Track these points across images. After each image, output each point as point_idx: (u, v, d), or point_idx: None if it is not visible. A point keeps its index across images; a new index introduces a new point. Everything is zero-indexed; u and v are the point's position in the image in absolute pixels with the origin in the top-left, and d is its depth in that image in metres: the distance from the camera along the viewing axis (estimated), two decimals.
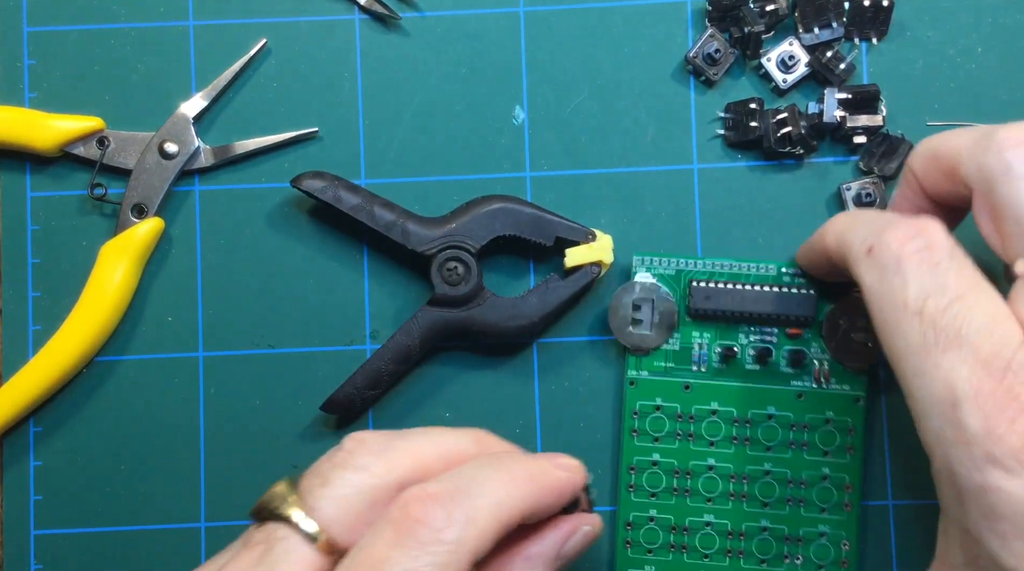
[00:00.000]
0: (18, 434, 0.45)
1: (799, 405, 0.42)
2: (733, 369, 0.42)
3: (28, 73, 0.45)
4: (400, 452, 0.34)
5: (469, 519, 0.31)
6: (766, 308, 0.41)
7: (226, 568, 0.32)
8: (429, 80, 0.45)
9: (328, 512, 0.32)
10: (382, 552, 0.31)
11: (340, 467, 0.33)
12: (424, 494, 0.32)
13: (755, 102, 0.44)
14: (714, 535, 0.41)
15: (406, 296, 0.45)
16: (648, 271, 0.42)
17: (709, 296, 0.41)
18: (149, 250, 0.45)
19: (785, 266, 0.42)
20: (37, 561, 0.44)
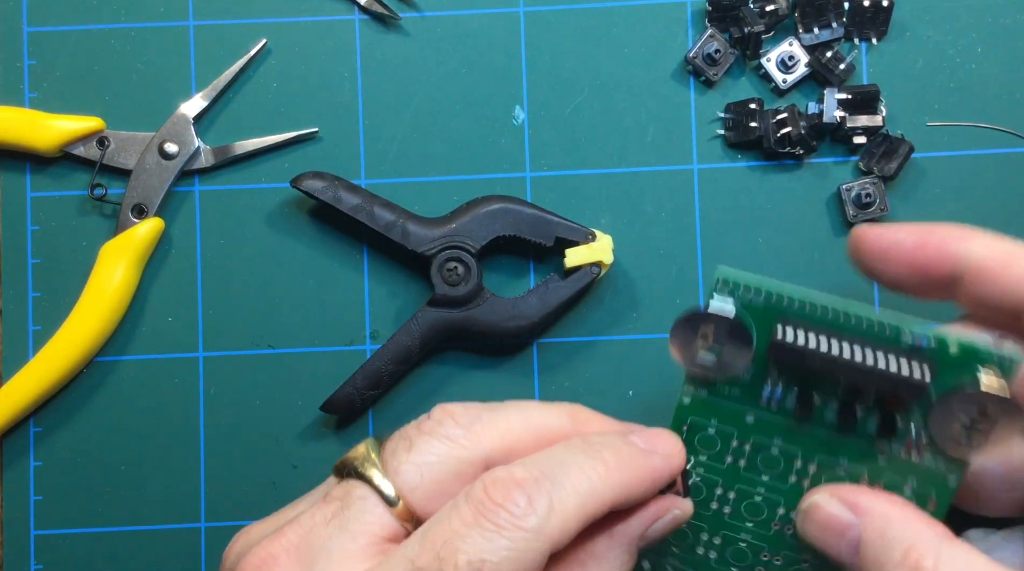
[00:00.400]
0: (18, 434, 0.45)
1: (877, 466, 0.34)
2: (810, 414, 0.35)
3: (28, 73, 0.45)
4: (488, 426, 0.33)
5: (552, 508, 0.30)
6: (864, 382, 0.33)
7: (301, 518, 0.32)
8: (429, 80, 0.45)
9: (409, 477, 0.32)
10: (458, 528, 0.30)
11: (427, 435, 0.33)
12: (508, 478, 0.31)
13: (755, 102, 0.44)
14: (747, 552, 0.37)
15: (406, 296, 0.45)
16: (731, 296, 0.34)
17: (793, 355, 0.33)
18: (149, 250, 0.45)
19: (911, 329, 0.32)
20: (37, 561, 0.44)
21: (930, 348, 0.32)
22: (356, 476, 0.32)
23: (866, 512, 0.33)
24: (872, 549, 0.32)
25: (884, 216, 0.44)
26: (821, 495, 0.34)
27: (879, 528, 0.32)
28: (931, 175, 0.44)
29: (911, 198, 0.44)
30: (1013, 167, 0.44)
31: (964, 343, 0.32)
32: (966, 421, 0.33)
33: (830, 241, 0.44)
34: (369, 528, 0.31)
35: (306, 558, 0.31)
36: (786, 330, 0.33)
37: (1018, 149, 0.44)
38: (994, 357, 0.32)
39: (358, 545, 0.31)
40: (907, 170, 0.44)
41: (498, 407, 0.34)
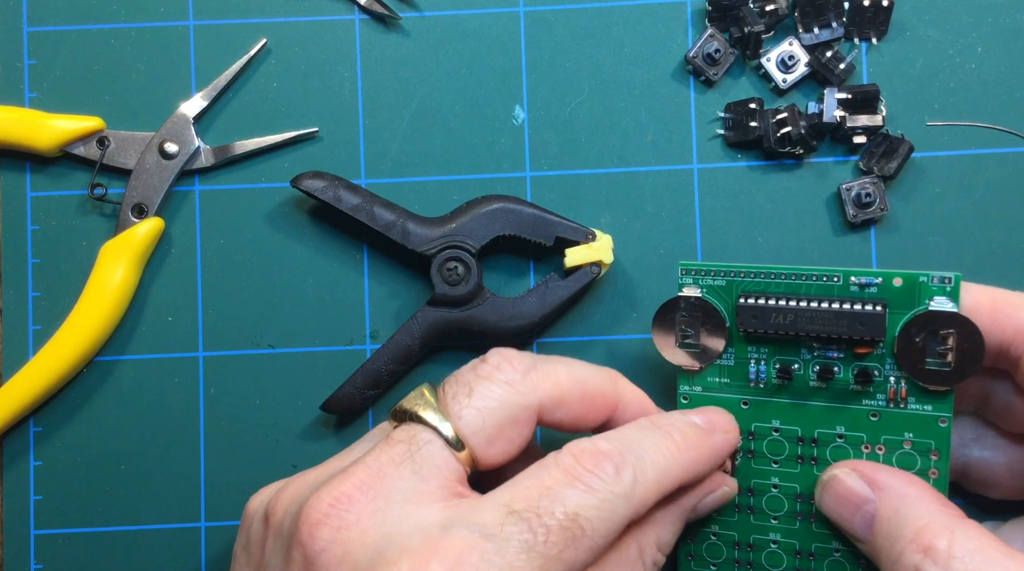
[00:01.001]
0: (18, 434, 0.45)
1: (874, 426, 0.37)
2: (795, 386, 0.38)
3: (28, 73, 0.45)
4: (542, 375, 0.35)
5: (636, 480, 0.32)
6: (825, 328, 0.36)
7: (366, 459, 0.32)
8: (429, 80, 0.45)
9: (471, 422, 0.33)
10: (552, 484, 0.31)
11: (486, 380, 0.34)
12: (595, 448, 0.32)
13: (755, 102, 0.44)
14: (781, 554, 0.38)
15: (406, 296, 0.45)
16: (695, 284, 0.38)
17: (758, 315, 0.36)
18: (149, 250, 0.45)
19: (855, 275, 0.36)
20: (37, 561, 0.44)
21: (877, 285, 0.36)
22: (418, 420, 0.33)
23: (884, 488, 0.34)
24: (886, 525, 0.33)
25: (884, 215, 0.44)
26: (841, 469, 0.36)
27: (894, 505, 0.33)
28: (931, 175, 0.44)
29: (911, 198, 0.44)
30: (1013, 167, 0.44)
31: (906, 274, 0.36)
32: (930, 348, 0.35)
33: (830, 241, 0.44)
34: (439, 471, 0.32)
35: (381, 496, 0.31)
36: (748, 298, 0.37)
37: (1018, 149, 0.44)
38: (934, 280, 0.35)
39: (430, 487, 0.32)
40: (907, 170, 0.44)
41: (549, 359, 0.36)
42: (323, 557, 0.31)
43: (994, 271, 0.44)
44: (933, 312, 0.35)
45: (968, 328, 0.34)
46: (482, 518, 0.30)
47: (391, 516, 0.31)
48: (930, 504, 0.33)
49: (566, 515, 0.30)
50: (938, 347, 0.35)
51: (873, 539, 0.34)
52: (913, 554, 0.32)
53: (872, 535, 0.34)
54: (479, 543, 0.30)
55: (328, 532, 0.31)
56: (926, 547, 0.31)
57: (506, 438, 0.33)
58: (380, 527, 0.31)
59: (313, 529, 0.31)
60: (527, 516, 0.30)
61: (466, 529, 0.30)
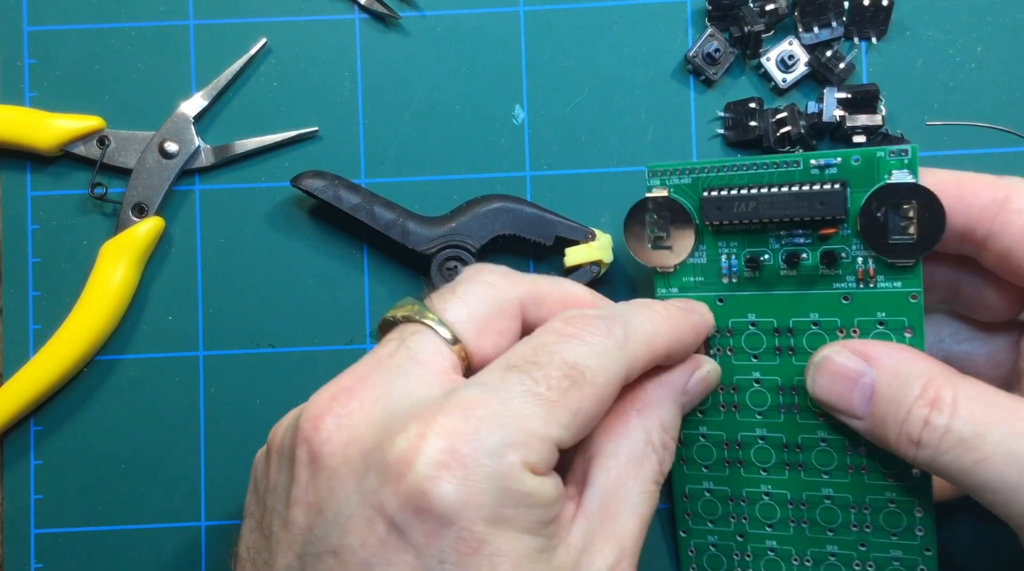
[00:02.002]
0: (18, 433, 0.45)
1: (846, 309, 0.37)
2: (766, 277, 0.38)
3: (28, 72, 0.45)
4: (521, 276, 0.36)
5: (627, 336, 0.33)
6: (787, 211, 0.36)
7: (362, 359, 0.33)
8: (429, 79, 0.45)
9: (458, 312, 0.33)
10: (548, 340, 0.32)
11: (467, 281, 0.35)
12: (583, 313, 0.33)
13: (755, 101, 0.44)
14: (769, 449, 0.39)
15: (406, 295, 0.45)
16: (662, 184, 0.39)
17: (722, 206, 0.37)
18: (149, 249, 0.45)
19: (815, 157, 0.37)
20: (37, 560, 0.44)
21: (836, 165, 0.36)
22: (405, 321, 0.33)
23: (877, 358, 0.34)
24: (887, 390, 0.34)
25: None
26: (830, 348, 0.36)
27: (893, 369, 0.34)
28: None
29: None
30: (1013, 166, 0.44)
31: (864, 151, 0.36)
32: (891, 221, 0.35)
33: None
34: (433, 358, 0.32)
35: (380, 383, 0.31)
36: (711, 190, 0.37)
37: (1018, 148, 0.44)
38: (892, 156, 0.35)
39: (428, 371, 0.32)
40: None
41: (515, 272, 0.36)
42: (328, 445, 0.30)
43: None
44: (892, 185, 0.35)
45: (927, 197, 0.35)
46: (484, 376, 0.31)
47: (393, 397, 0.31)
48: (928, 363, 0.34)
49: (564, 362, 0.31)
50: (900, 221, 0.35)
51: (875, 409, 0.34)
52: (921, 408, 0.32)
53: (873, 405, 0.34)
54: (482, 396, 0.30)
55: (331, 420, 0.31)
56: (932, 400, 0.32)
57: (495, 329, 0.34)
58: (383, 408, 0.31)
59: (316, 422, 0.31)
60: (526, 368, 0.31)
61: (466, 389, 0.30)
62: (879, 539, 0.37)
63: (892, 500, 0.37)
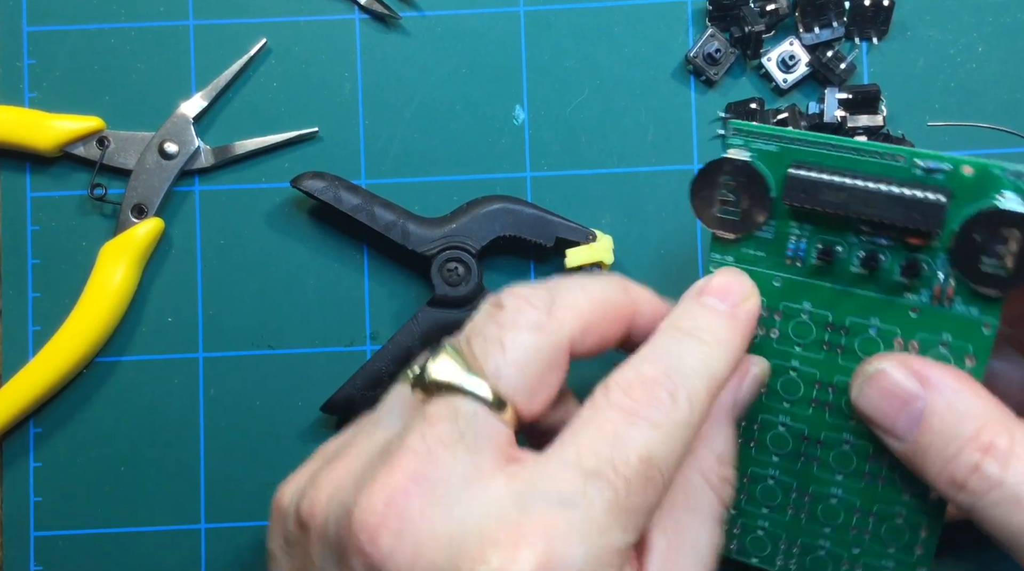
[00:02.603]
0: (18, 435, 0.45)
1: (911, 321, 0.34)
2: (834, 270, 0.35)
3: (28, 73, 0.45)
4: (565, 308, 0.32)
5: (691, 401, 0.30)
6: (878, 212, 0.32)
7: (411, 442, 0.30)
8: (429, 80, 0.45)
9: (512, 380, 0.30)
10: (617, 429, 0.29)
11: (513, 328, 0.31)
12: (642, 377, 0.30)
13: (755, 102, 0.44)
14: (788, 437, 0.37)
15: (406, 296, 0.45)
16: (745, 146, 0.34)
17: (808, 189, 0.33)
18: (149, 250, 0.45)
19: (922, 157, 0.33)
20: (37, 562, 0.44)
21: (943, 170, 0.32)
22: (456, 390, 0.30)
23: (935, 385, 0.32)
24: (939, 423, 0.31)
25: None
26: (888, 362, 0.33)
27: (949, 402, 0.31)
28: None
29: None
30: None
31: (979, 163, 0.32)
32: (989, 248, 0.32)
33: None
34: (490, 441, 0.30)
35: (439, 482, 0.29)
36: (800, 168, 0.33)
37: (1019, 149, 0.44)
38: (1009, 176, 0.32)
39: (485, 459, 0.29)
40: None
41: (562, 286, 0.33)
42: (391, 562, 0.28)
43: None
44: (1000, 209, 0.31)
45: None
46: (557, 485, 0.28)
47: (455, 502, 0.28)
48: (987, 402, 0.31)
49: (640, 460, 0.29)
50: (998, 249, 0.32)
51: (920, 436, 0.32)
52: (972, 452, 0.30)
53: (920, 433, 0.32)
54: (563, 514, 0.28)
55: (390, 536, 0.28)
56: (987, 446, 0.30)
57: (546, 384, 0.31)
58: (448, 516, 0.28)
59: (374, 536, 0.28)
60: (603, 473, 0.28)
61: (543, 502, 0.28)
62: (875, 546, 0.36)
63: (900, 515, 0.36)
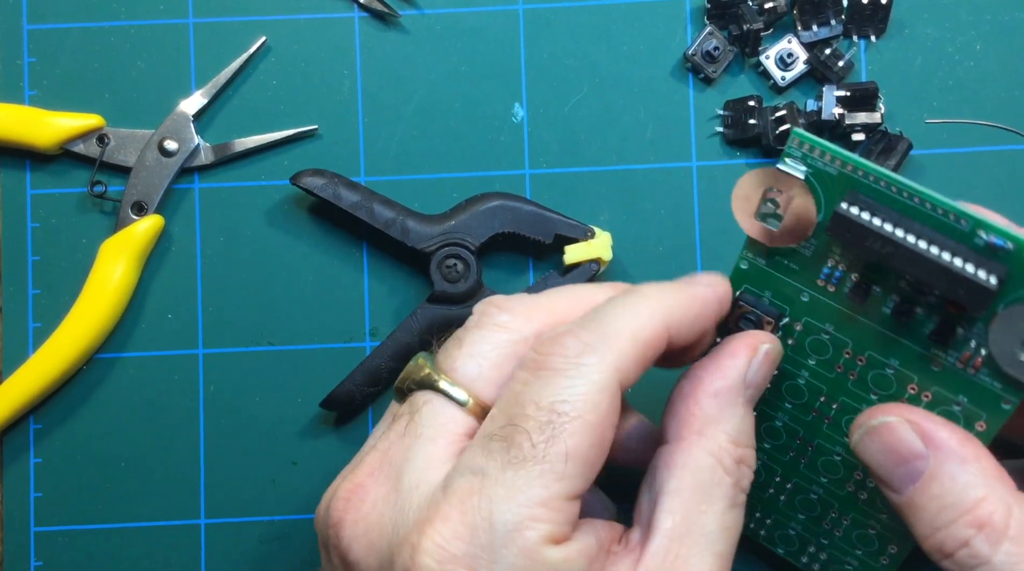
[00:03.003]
0: (18, 431, 0.45)
1: (929, 373, 0.32)
2: (866, 305, 0.33)
3: (28, 71, 0.45)
4: (535, 306, 0.32)
5: (605, 338, 0.29)
6: (923, 276, 0.30)
7: (376, 443, 0.31)
8: (428, 78, 0.45)
9: (468, 370, 0.31)
10: (520, 389, 0.29)
11: (474, 328, 0.32)
12: (553, 335, 0.30)
13: (754, 99, 0.44)
14: (783, 433, 0.36)
15: (406, 293, 0.45)
16: (803, 161, 0.32)
17: (855, 231, 0.30)
18: (149, 247, 0.45)
19: (985, 229, 0.30)
20: (37, 558, 0.44)
21: (1005, 250, 0.29)
22: (416, 387, 0.32)
23: (940, 447, 0.30)
24: (938, 489, 0.30)
25: None
26: (894, 416, 0.31)
27: (952, 470, 0.30)
28: (929, 172, 0.44)
29: None
30: (1011, 164, 0.44)
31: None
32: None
33: None
34: (444, 429, 0.30)
35: (391, 475, 0.30)
36: (853, 204, 0.31)
37: (1017, 146, 0.44)
38: None
39: (439, 447, 0.30)
40: (905, 167, 0.44)
41: (544, 292, 0.34)
42: (351, 554, 0.30)
43: None
44: None
45: None
46: (471, 458, 0.29)
47: (404, 492, 0.29)
48: (990, 474, 0.30)
49: (539, 409, 0.28)
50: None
51: (914, 497, 0.30)
52: (966, 527, 0.29)
53: (914, 493, 0.30)
54: (474, 483, 0.28)
55: (349, 529, 0.30)
56: (982, 521, 0.29)
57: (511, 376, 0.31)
58: (394, 506, 0.29)
59: (338, 530, 0.30)
60: (505, 433, 0.28)
61: (460, 476, 0.29)
62: (843, 544, 0.37)
63: (874, 527, 0.36)
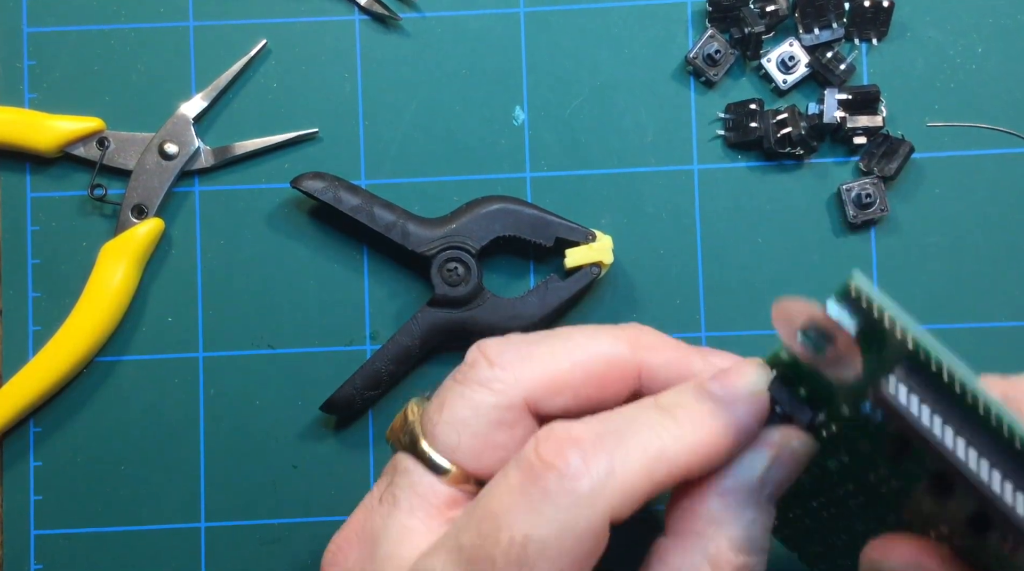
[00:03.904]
0: (18, 434, 0.45)
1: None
2: (902, 463, 0.28)
3: (28, 74, 0.45)
4: (525, 362, 0.29)
5: (611, 470, 0.26)
6: (961, 484, 0.25)
7: (366, 500, 0.30)
8: (429, 81, 0.45)
9: (448, 439, 0.29)
10: (503, 500, 0.26)
11: (459, 384, 0.30)
12: (564, 435, 0.26)
13: (755, 103, 0.44)
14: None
15: (406, 297, 0.45)
16: (852, 315, 0.26)
17: (894, 413, 0.25)
18: (149, 251, 0.45)
19: None
20: (37, 561, 0.44)
21: None
22: (400, 446, 0.30)
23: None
24: None
25: (884, 216, 0.44)
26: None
27: None
28: (931, 175, 0.44)
29: (911, 198, 0.44)
30: (1013, 167, 0.44)
31: None
32: None
33: (830, 241, 0.44)
34: (422, 500, 0.29)
35: (369, 541, 0.29)
36: (901, 384, 0.25)
37: (1018, 149, 0.44)
38: None
39: (416, 520, 0.28)
40: (907, 170, 0.44)
41: (541, 338, 0.30)
42: None
43: (994, 272, 0.44)
44: None
45: None
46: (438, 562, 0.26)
47: (378, 561, 0.28)
48: None
49: (512, 542, 0.25)
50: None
51: None
52: None
53: None
54: None
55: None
56: None
57: (496, 444, 0.29)
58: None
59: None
60: (472, 553, 0.26)
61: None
62: None
63: None
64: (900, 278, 0.44)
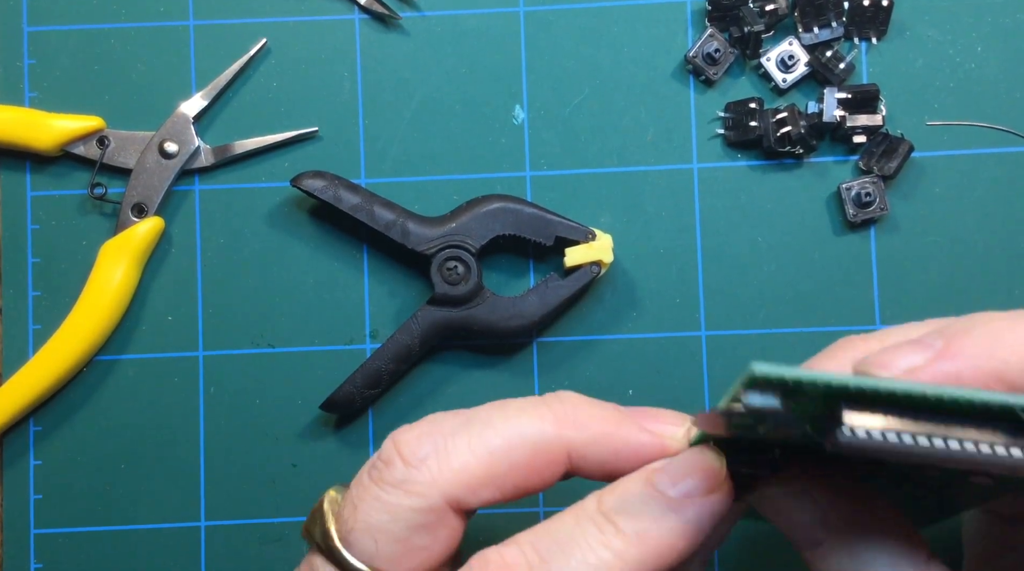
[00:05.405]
0: (18, 433, 0.45)
1: None
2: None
3: (28, 73, 0.45)
4: (444, 460, 0.27)
5: None
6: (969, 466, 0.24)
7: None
8: (429, 80, 0.45)
9: (364, 546, 0.27)
10: None
11: (375, 484, 0.28)
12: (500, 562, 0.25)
13: (755, 102, 0.44)
14: None
15: (406, 295, 0.45)
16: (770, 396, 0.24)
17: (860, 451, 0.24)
18: (149, 249, 0.45)
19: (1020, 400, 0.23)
20: (37, 560, 0.44)
21: None
22: (314, 545, 0.28)
23: None
24: None
25: (884, 215, 0.44)
26: None
27: None
28: (931, 174, 0.44)
29: (911, 197, 0.44)
30: (1013, 166, 0.44)
31: None
32: None
33: (830, 240, 0.44)
34: None
35: None
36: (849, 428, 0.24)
37: (1018, 148, 0.44)
38: None
39: None
40: (907, 169, 0.44)
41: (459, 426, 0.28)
42: None
43: (994, 271, 0.44)
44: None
45: None
46: None
47: None
48: None
49: None
50: None
51: None
52: None
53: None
54: None
55: None
56: None
57: (416, 547, 0.27)
58: None
59: None
60: None
61: None
62: None
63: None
64: (900, 277, 0.44)
